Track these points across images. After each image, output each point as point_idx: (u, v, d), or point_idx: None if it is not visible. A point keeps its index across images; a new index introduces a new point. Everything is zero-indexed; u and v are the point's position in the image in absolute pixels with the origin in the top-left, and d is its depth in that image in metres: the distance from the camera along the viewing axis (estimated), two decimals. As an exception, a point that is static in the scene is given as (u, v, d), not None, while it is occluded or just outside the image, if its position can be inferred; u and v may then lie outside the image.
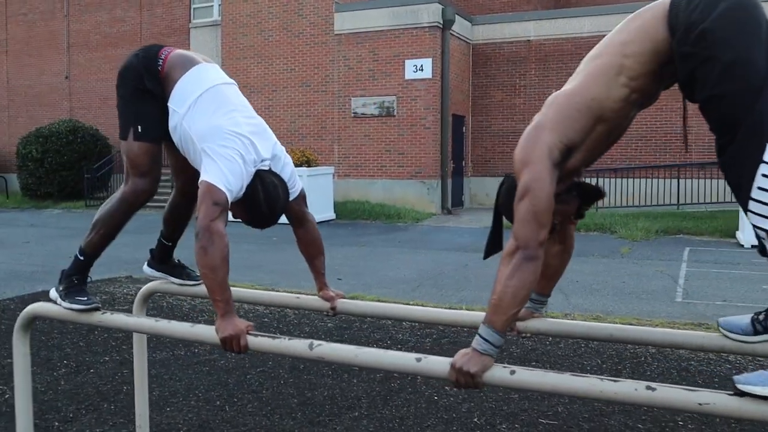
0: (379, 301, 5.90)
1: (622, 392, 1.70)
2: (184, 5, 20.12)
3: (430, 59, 15.37)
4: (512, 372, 1.82)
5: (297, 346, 2.13)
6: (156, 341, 5.18)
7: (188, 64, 2.64)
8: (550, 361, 4.68)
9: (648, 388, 1.68)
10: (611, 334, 2.29)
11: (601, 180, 15.63)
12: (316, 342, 2.11)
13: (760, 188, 1.72)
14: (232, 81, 2.74)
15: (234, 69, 17.26)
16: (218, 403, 3.92)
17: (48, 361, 4.68)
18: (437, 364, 1.92)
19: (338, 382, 4.27)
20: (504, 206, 2.19)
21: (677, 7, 1.85)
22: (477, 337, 1.88)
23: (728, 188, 2.11)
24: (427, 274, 8.36)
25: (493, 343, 1.86)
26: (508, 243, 1.94)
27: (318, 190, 13.28)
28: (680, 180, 14.78)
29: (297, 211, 2.78)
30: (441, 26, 15.39)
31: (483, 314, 1.95)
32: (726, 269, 8.34)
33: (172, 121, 2.61)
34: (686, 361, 4.57)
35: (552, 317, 2.53)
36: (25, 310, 2.67)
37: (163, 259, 3.01)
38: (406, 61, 15.61)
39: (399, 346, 5.04)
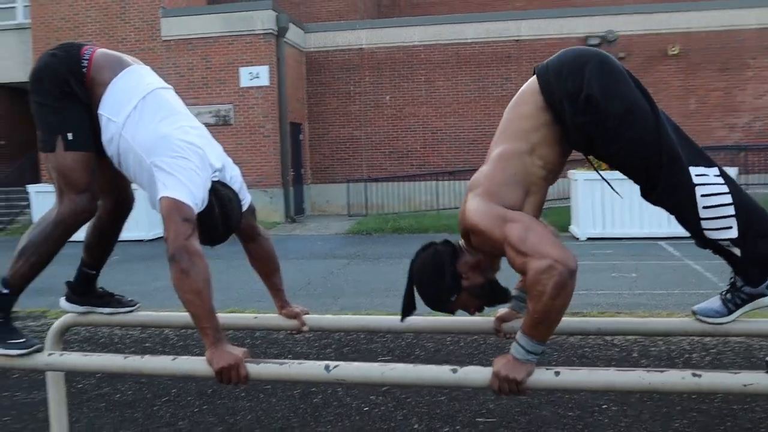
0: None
1: (670, 382, 1.77)
2: (-19, 6, 18.14)
3: (267, 66, 15.13)
4: (557, 373, 1.83)
5: (311, 370, 1.99)
6: (30, 379, 4.59)
7: (117, 66, 2.38)
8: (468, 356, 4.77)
9: (694, 375, 1.76)
10: (599, 328, 2.38)
11: (446, 182, 16.29)
12: (332, 363, 1.98)
13: (705, 207, 1.89)
14: (169, 85, 2.51)
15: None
16: (134, 441, 3.56)
17: None
18: (476, 373, 1.88)
19: (257, 403, 4.05)
20: (419, 274, 2.13)
21: (547, 84, 1.99)
22: (517, 346, 1.85)
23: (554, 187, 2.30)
24: (297, 285, 8.19)
25: (536, 353, 1.84)
26: (538, 261, 1.81)
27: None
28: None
29: (246, 225, 2.60)
30: (276, 33, 15.21)
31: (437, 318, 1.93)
32: (573, 260, 9.02)
33: (107, 132, 2.32)
34: (581, 348, 4.88)
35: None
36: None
37: (85, 290, 2.67)
38: (240, 68, 15.23)
39: (304, 359, 4.88)
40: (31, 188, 13.70)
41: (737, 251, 1.95)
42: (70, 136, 2.30)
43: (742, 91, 15.90)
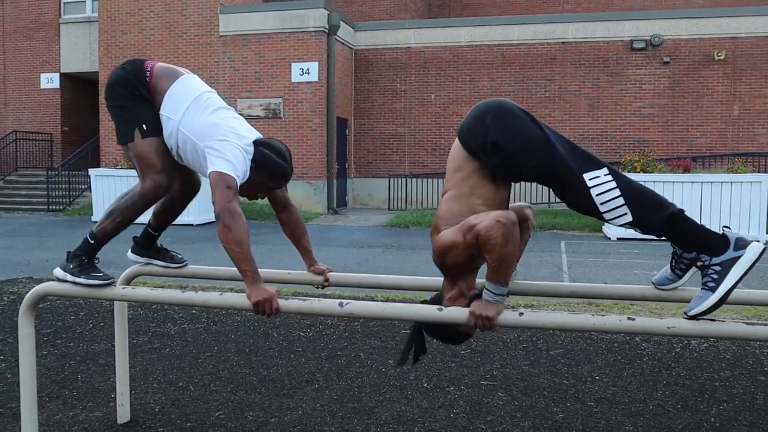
0: (306, 294, 6.21)
1: (610, 323, 2.19)
2: (53, -1, 19.22)
3: (317, 63, 15.73)
4: (521, 314, 2.27)
5: (327, 305, 2.47)
6: (91, 334, 5.21)
7: (173, 75, 2.91)
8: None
9: (629, 318, 2.18)
10: (572, 291, 2.81)
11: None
12: (345, 301, 2.46)
13: (601, 203, 2.36)
14: (212, 89, 3.02)
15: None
16: (181, 384, 4.11)
17: (-15, 356, 4.62)
18: (457, 312, 2.33)
19: (288, 361, 4.57)
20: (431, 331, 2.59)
21: (463, 137, 2.54)
22: (486, 291, 2.31)
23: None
24: (335, 269, 8.70)
25: (501, 294, 2.30)
26: (484, 223, 2.27)
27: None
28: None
29: (280, 197, 3.10)
30: (326, 31, 15.79)
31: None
32: (600, 258, 9.35)
33: (168, 128, 2.86)
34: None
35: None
36: (34, 289, 2.81)
37: (146, 245, 3.24)
38: (292, 64, 15.86)
39: (333, 318, 5.40)
40: (92, 172, 14.56)
41: (638, 231, 2.39)
42: (144, 126, 2.84)
43: (788, 100, 15.86)
